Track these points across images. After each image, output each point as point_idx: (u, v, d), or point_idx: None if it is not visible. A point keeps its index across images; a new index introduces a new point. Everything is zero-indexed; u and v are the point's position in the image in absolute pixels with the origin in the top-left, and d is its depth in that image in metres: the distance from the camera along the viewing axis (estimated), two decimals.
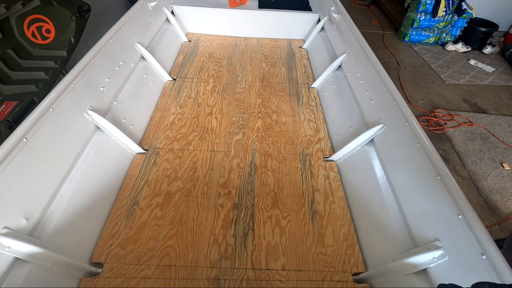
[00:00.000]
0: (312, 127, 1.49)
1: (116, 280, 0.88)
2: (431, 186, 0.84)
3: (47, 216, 0.86)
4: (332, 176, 1.25)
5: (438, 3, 3.26)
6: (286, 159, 1.30)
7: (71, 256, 0.85)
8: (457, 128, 2.40)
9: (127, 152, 1.24)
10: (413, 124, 0.99)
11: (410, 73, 3.13)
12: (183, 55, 1.96)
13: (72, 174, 0.98)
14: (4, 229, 0.73)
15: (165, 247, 0.96)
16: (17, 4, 1.47)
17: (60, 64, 1.68)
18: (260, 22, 2.19)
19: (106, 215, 1.04)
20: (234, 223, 1.05)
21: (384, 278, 0.87)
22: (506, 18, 3.67)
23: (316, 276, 0.93)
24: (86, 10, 1.76)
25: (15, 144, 0.79)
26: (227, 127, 1.43)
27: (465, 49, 3.51)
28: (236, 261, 0.95)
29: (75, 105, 1.05)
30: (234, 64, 1.92)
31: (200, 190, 1.15)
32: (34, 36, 1.61)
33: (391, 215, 0.98)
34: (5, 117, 1.37)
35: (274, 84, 1.77)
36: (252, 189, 1.16)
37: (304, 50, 2.15)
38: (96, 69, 1.18)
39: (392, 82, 1.18)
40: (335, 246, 1.01)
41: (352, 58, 1.57)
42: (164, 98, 1.58)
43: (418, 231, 0.86)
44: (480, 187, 1.93)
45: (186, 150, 1.30)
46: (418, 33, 3.58)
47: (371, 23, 4.18)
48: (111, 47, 1.31)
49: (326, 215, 1.10)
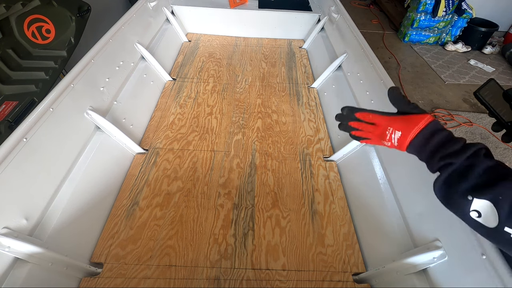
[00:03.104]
0: (312, 127, 1.49)
1: (116, 280, 0.88)
2: (431, 186, 0.84)
3: (47, 216, 0.86)
4: (332, 176, 1.25)
5: (438, 3, 3.26)
6: (286, 159, 1.30)
7: (71, 256, 0.85)
8: (457, 128, 2.40)
9: (127, 152, 1.24)
10: None
11: (410, 73, 3.13)
12: (183, 55, 1.96)
13: (72, 174, 0.98)
14: (4, 229, 0.73)
15: (165, 247, 0.96)
16: (17, 4, 1.47)
17: (60, 64, 1.68)
18: (260, 22, 2.19)
19: (106, 215, 1.04)
20: (234, 223, 1.05)
21: (384, 278, 0.87)
22: (506, 18, 3.67)
23: (316, 276, 0.93)
24: (86, 10, 1.76)
25: (15, 144, 0.79)
26: (227, 127, 1.43)
27: (465, 49, 3.51)
28: (236, 261, 0.95)
29: (75, 105, 1.05)
30: (234, 64, 1.92)
31: (200, 190, 1.14)
32: (34, 36, 1.61)
33: (391, 215, 0.98)
34: (5, 117, 1.37)
35: (274, 84, 1.77)
36: (252, 189, 1.16)
37: (304, 50, 2.15)
38: (96, 69, 1.18)
39: (392, 82, 1.18)
40: (335, 246, 1.01)
41: (352, 58, 1.56)
42: (164, 98, 1.58)
43: (418, 231, 0.86)
44: None
45: (186, 150, 1.30)
46: (418, 33, 3.58)
47: (371, 23, 4.18)
48: (111, 47, 1.31)
49: (326, 215, 1.10)
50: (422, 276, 0.79)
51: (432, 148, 0.44)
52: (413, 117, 0.47)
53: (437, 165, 0.44)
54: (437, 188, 0.44)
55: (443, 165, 0.43)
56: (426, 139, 0.45)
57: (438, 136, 0.44)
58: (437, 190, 0.44)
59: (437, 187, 0.44)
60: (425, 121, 0.46)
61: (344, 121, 0.56)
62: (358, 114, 0.53)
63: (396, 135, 0.48)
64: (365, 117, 0.53)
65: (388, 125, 0.49)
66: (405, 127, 0.47)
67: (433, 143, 0.44)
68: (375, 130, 0.52)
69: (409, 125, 0.47)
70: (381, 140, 0.51)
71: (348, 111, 0.55)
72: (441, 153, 0.43)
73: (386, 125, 0.50)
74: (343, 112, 0.55)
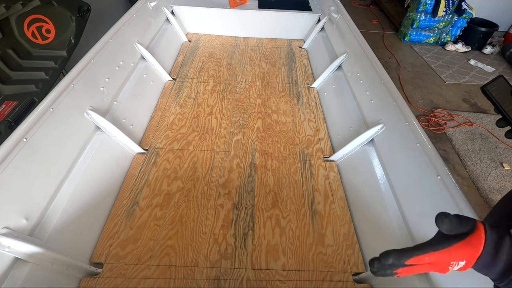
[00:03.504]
0: (312, 127, 1.49)
1: (116, 280, 0.88)
2: (431, 186, 0.84)
3: (47, 216, 0.86)
4: (332, 176, 1.25)
5: (438, 3, 3.27)
6: (286, 159, 1.30)
7: (71, 256, 0.85)
8: (457, 128, 2.40)
9: (127, 152, 1.24)
10: (413, 124, 0.99)
11: (410, 73, 3.13)
12: (183, 55, 1.96)
13: (72, 174, 0.98)
14: (4, 229, 0.73)
15: (165, 247, 0.96)
16: (17, 4, 1.47)
17: (60, 64, 1.68)
18: (260, 22, 2.19)
19: (106, 215, 1.04)
20: (234, 223, 1.05)
21: (384, 278, 0.87)
22: (506, 18, 3.67)
23: (316, 276, 0.93)
24: (86, 10, 1.76)
25: (15, 144, 0.79)
26: (227, 127, 1.43)
27: (465, 49, 3.51)
28: (236, 261, 0.95)
29: (75, 105, 1.05)
30: (234, 64, 1.92)
31: (200, 190, 1.15)
32: (34, 36, 1.61)
33: (391, 215, 0.98)
34: (5, 117, 1.37)
35: (274, 84, 1.77)
36: (252, 189, 1.16)
37: (304, 50, 2.15)
38: (96, 69, 1.18)
39: (392, 82, 1.18)
40: (335, 246, 1.01)
41: (352, 58, 1.57)
42: (164, 98, 1.58)
43: (418, 231, 0.86)
44: (480, 187, 1.93)
45: (186, 150, 1.30)
46: (418, 33, 3.58)
47: (371, 23, 4.18)
48: (111, 47, 1.31)
49: (326, 215, 1.10)
50: (422, 276, 0.79)
51: (504, 267, 0.38)
52: (471, 240, 0.40)
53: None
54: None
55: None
56: (492, 257, 0.39)
57: (504, 250, 0.38)
58: None
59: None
60: (482, 237, 0.39)
61: (386, 271, 0.43)
62: (411, 261, 0.42)
63: (460, 265, 0.42)
64: (420, 261, 0.42)
65: (450, 259, 0.41)
66: (468, 255, 0.40)
67: (502, 260, 0.38)
68: (432, 268, 0.43)
69: (471, 250, 0.40)
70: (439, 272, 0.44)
71: (395, 260, 0.41)
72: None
73: (447, 261, 0.42)
74: (386, 261, 0.41)
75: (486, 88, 0.49)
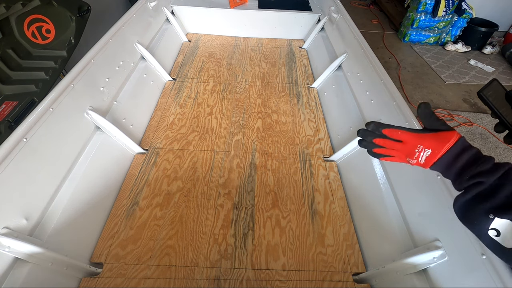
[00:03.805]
0: (312, 127, 1.49)
1: (116, 280, 0.88)
2: (431, 186, 0.84)
3: (47, 216, 0.86)
4: (332, 176, 1.25)
5: (438, 3, 3.27)
6: (286, 159, 1.30)
7: (71, 256, 0.85)
8: (457, 128, 2.40)
9: (127, 152, 1.24)
10: (413, 124, 0.99)
11: (410, 73, 3.13)
12: (183, 55, 1.96)
13: (72, 174, 0.98)
14: (4, 229, 0.73)
15: (165, 247, 0.96)
16: (17, 4, 1.47)
17: (60, 64, 1.68)
18: (260, 22, 2.19)
19: (106, 215, 1.04)
20: (234, 223, 1.05)
21: (384, 278, 0.87)
22: (506, 18, 3.67)
23: (316, 276, 0.93)
24: (86, 10, 1.76)
25: (15, 144, 0.79)
26: (227, 127, 1.43)
27: (465, 49, 3.51)
28: (236, 261, 0.95)
29: (75, 105, 1.05)
30: (234, 64, 1.92)
31: (200, 190, 1.15)
32: (34, 36, 1.61)
33: (391, 215, 0.98)
34: (5, 117, 1.37)
35: (274, 84, 1.77)
36: (252, 189, 1.16)
37: (304, 50, 2.15)
38: (96, 69, 1.18)
39: (392, 82, 1.18)
40: (335, 246, 1.01)
41: (352, 58, 1.57)
42: (164, 98, 1.58)
43: (418, 231, 0.86)
44: None
45: (186, 150, 1.30)
46: (418, 33, 3.58)
47: (371, 23, 4.18)
48: (111, 47, 1.31)
49: (326, 215, 1.10)
50: (422, 276, 0.79)
51: (462, 166, 0.44)
52: (442, 134, 0.46)
53: (466, 184, 0.43)
54: (458, 204, 0.43)
55: (472, 184, 0.42)
56: (455, 157, 0.44)
57: (467, 154, 0.44)
58: (458, 206, 0.43)
59: (459, 204, 0.43)
60: (454, 138, 0.45)
61: (367, 137, 0.52)
62: (386, 131, 0.50)
63: (426, 153, 0.47)
64: (393, 134, 0.50)
65: (418, 143, 0.47)
66: (436, 145, 0.46)
67: (463, 161, 0.44)
68: (402, 148, 0.50)
69: (439, 143, 0.45)
70: (406, 158, 0.50)
71: (374, 126, 0.51)
72: (470, 172, 0.42)
73: (415, 143, 0.48)
74: (368, 127, 0.51)
75: (483, 93, 0.49)
